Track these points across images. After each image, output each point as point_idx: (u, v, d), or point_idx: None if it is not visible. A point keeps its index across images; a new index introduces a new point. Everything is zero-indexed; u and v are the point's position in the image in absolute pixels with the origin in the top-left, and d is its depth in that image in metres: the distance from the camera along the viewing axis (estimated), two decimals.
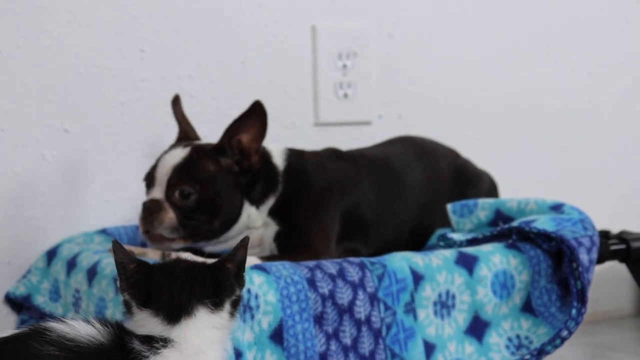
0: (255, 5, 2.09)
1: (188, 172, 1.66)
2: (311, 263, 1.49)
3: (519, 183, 2.18)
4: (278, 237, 1.71)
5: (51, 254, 1.77)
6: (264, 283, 1.42)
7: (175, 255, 1.52)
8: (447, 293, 1.55)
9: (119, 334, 1.11)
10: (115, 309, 1.46)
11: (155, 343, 1.10)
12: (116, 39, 1.97)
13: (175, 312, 1.12)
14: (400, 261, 1.53)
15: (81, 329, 1.09)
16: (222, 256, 1.16)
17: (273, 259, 1.58)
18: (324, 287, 1.46)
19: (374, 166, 1.82)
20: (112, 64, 1.97)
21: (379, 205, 1.78)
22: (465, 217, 1.76)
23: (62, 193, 1.94)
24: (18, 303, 1.81)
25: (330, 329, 1.45)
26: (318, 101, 2.15)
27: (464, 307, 1.56)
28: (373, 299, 1.49)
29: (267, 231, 1.72)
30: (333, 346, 1.45)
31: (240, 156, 1.68)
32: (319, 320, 1.45)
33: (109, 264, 1.53)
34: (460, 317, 1.56)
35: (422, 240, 1.85)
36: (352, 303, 1.47)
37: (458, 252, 1.58)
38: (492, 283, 1.57)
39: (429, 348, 1.51)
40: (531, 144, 2.39)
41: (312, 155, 1.80)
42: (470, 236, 1.67)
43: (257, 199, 1.70)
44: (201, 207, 1.65)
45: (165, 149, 1.74)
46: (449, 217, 1.78)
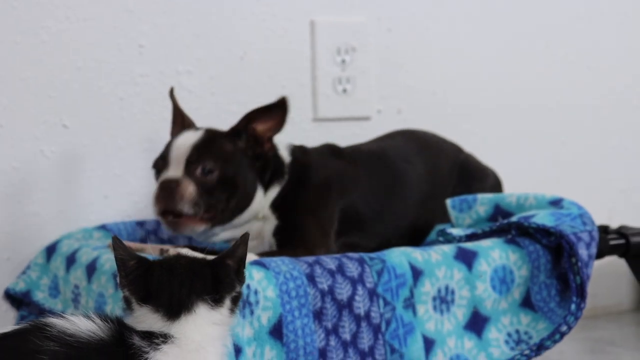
0: (253, 0, 2.09)
1: (209, 150, 1.66)
2: (310, 259, 1.49)
3: (518, 178, 2.18)
4: (277, 232, 1.71)
5: (50, 250, 1.77)
6: (263, 279, 1.42)
7: (174, 251, 1.52)
8: (447, 288, 1.54)
9: (119, 330, 1.11)
10: (114, 305, 1.45)
11: (155, 339, 1.10)
12: (114, 34, 1.97)
13: (175, 309, 1.12)
14: (399, 256, 1.53)
15: (81, 325, 1.09)
16: (222, 252, 1.16)
17: (271, 255, 1.58)
18: (323, 283, 1.46)
19: (373, 162, 1.82)
20: (111, 59, 1.97)
21: (377, 201, 1.78)
22: (464, 212, 1.76)
23: (61, 189, 1.94)
24: (18, 299, 1.81)
25: (329, 325, 1.45)
26: (317, 96, 2.15)
27: (463, 303, 1.56)
28: (372, 295, 1.49)
29: (267, 225, 1.72)
30: (332, 341, 1.45)
31: (253, 142, 1.69)
32: (319, 315, 1.45)
33: (108, 260, 1.53)
34: (459, 313, 1.56)
35: (422, 235, 1.86)
36: (352, 298, 1.47)
37: (457, 248, 1.58)
38: (492, 278, 1.57)
39: (428, 343, 1.51)
40: (530, 139, 2.39)
41: (314, 152, 1.82)
42: (469, 231, 1.67)
43: (266, 185, 1.72)
44: (222, 185, 1.65)
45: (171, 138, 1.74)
46: (449, 212, 1.78)
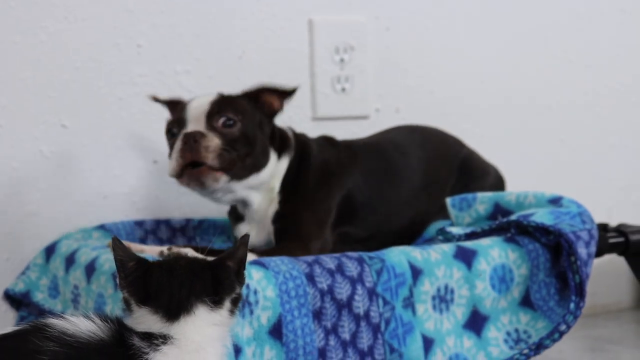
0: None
1: (229, 104, 1.68)
2: (310, 258, 1.49)
3: (518, 176, 2.18)
4: (276, 219, 1.72)
5: (50, 250, 1.77)
6: (263, 278, 1.42)
7: (176, 250, 1.52)
8: (446, 287, 1.54)
9: (119, 330, 1.11)
10: (114, 305, 1.45)
11: (154, 340, 1.10)
12: (113, 34, 1.97)
13: (174, 310, 1.11)
14: (398, 256, 1.53)
15: (81, 325, 1.09)
16: (223, 253, 1.16)
17: (270, 253, 1.58)
18: (323, 282, 1.46)
19: (368, 152, 1.83)
20: (110, 59, 1.97)
21: (370, 190, 1.79)
22: (464, 211, 1.76)
23: (60, 188, 1.94)
24: (17, 299, 1.81)
25: (329, 324, 1.45)
26: (315, 95, 2.15)
27: (463, 302, 1.56)
28: (372, 294, 1.49)
29: (270, 209, 1.72)
30: (332, 341, 1.45)
31: (263, 107, 1.72)
32: (318, 315, 1.44)
33: (108, 260, 1.53)
34: (458, 312, 1.56)
35: (418, 228, 1.85)
36: (351, 298, 1.47)
37: (457, 247, 1.58)
38: (491, 277, 1.57)
39: (428, 343, 1.51)
40: (529, 137, 2.39)
41: (312, 140, 1.84)
42: (469, 230, 1.67)
43: (278, 152, 1.74)
44: (243, 138, 1.66)
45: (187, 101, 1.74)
46: (448, 211, 1.78)
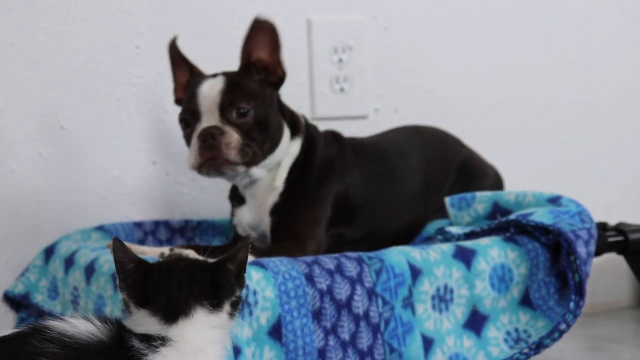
0: None
1: (239, 91, 1.66)
2: (309, 258, 1.49)
3: (517, 175, 2.18)
4: (274, 211, 1.72)
5: (49, 252, 1.77)
6: (262, 279, 1.42)
7: (178, 251, 1.52)
8: (445, 287, 1.54)
9: (119, 332, 1.11)
10: (113, 306, 1.45)
11: (153, 341, 1.10)
12: (111, 35, 1.97)
13: (172, 313, 1.11)
14: (398, 256, 1.53)
15: (81, 327, 1.09)
16: (223, 256, 1.15)
17: (268, 254, 1.58)
18: (322, 283, 1.46)
19: (368, 153, 1.83)
20: (108, 60, 1.97)
21: (368, 190, 1.78)
22: (463, 211, 1.76)
23: (59, 190, 1.94)
24: (17, 301, 1.81)
25: (328, 324, 1.45)
26: (314, 96, 2.15)
27: (462, 301, 1.56)
28: (371, 294, 1.48)
29: (271, 197, 1.72)
30: (331, 341, 1.45)
31: (265, 72, 1.70)
32: (317, 315, 1.44)
33: (107, 261, 1.53)
34: (458, 311, 1.55)
35: (416, 228, 1.85)
36: (350, 298, 1.47)
37: (456, 246, 1.58)
38: (490, 276, 1.57)
39: (428, 342, 1.51)
40: (528, 136, 2.39)
41: (320, 132, 1.83)
42: (468, 229, 1.67)
43: (290, 128, 1.73)
44: (257, 124, 1.65)
45: (197, 81, 1.70)
46: (447, 211, 1.78)
